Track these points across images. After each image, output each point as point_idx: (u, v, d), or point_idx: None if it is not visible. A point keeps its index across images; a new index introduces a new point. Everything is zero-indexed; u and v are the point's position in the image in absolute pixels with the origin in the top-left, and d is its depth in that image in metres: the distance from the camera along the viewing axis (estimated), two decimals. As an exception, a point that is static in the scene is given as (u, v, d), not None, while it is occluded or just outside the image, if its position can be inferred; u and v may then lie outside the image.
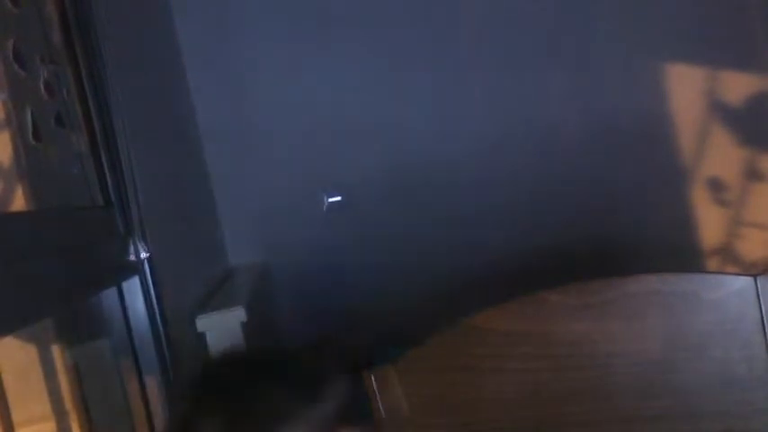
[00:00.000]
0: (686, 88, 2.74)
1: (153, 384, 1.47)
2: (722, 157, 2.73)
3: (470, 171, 2.67)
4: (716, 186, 2.73)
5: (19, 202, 1.29)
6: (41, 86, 1.29)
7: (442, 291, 2.60)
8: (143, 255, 1.48)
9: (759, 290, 0.95)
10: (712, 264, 2.69)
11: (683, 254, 2.70)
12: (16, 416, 1.16)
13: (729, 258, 2.73)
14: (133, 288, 1.47)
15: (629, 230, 2.64)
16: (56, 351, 1.40)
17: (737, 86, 2.76)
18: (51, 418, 1.37)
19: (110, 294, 1.45)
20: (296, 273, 2.67)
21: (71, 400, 1.40)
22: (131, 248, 1.47)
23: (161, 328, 1.48)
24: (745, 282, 0.94)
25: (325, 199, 2.68)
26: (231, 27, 2.62)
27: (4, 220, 1.12)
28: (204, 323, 1.80)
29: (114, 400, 1.46)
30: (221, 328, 1.80)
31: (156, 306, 1.48)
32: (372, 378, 0.95)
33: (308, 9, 2.62)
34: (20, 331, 1.20)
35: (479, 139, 2.67)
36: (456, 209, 2.67)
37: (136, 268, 1.47)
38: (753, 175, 2.76)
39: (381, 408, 0.95)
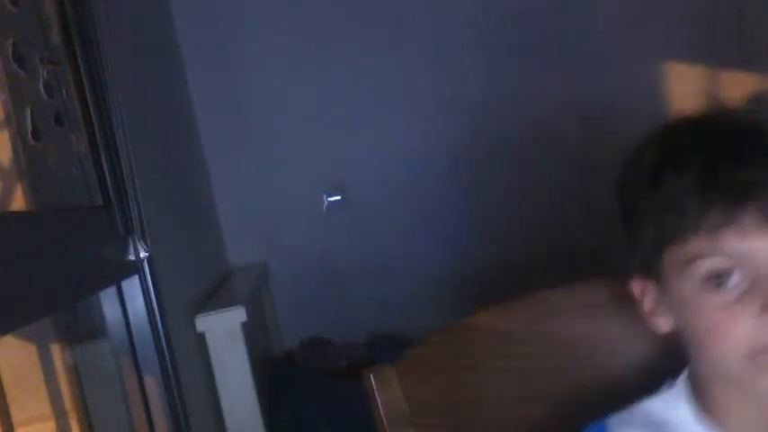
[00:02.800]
0: (686, 88, 2.74)
1: (152, 384, 1.47)
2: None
3: (470, 171, 2.67)
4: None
5: (19, 202, 1.29)
6: (41, 86, 1.29)
7: (441, 290, 2.60)
8: (143, 254, 1.48)
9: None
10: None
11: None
12: (16, 416, 1.16)
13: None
14: (133, 288, 1.47)
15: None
16: (56, 351, 1.40)
17: (737, 86, 2.76)
18: (51, 417, 1.37)
19: (109, 294, 1.45)
20: (295, 273, 2.67)
21: (71, 400, 1.40)
22: (131, 248, 1.47)
23: (161, 328, 1.48)
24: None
25: (325, 199, 2.68)
26: (231, 27, 2.62)
27: (4, 220, 1.12)
28: (204, 323, 1.80)
29: (114, 400, 1.46)
30: (221, 327, 1.80)
31: (155, 306, 1.48)
32: (372, 378, 0.95)
33: (307, 10, 2.62)
34: (20, 331, 1.20)
35: (479, 139, 2.67)
36: (456, 209, 2.67)
37: (135, 268, 1.47)
38: (753, 174, 2.75)
39: (381, 408, 0.95)
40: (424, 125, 2.67)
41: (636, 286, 0.83)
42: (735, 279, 0.72)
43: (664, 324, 0.81)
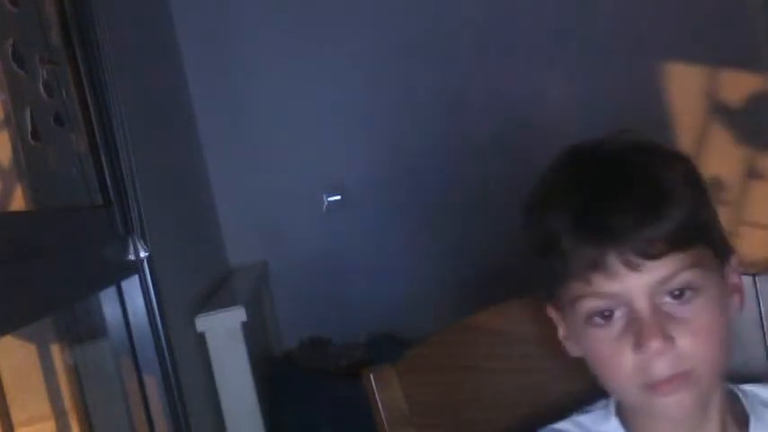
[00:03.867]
0: (686, 88, 2.74)
1: (152, 384, 1.47)
2: (722, 156, 2.73)
3: (470, 171, 2.67)
4: (716, 186, 2.73)
5: (19, 202, 1.29)
6: (41, 86, 1.29)
7: (441, 290, 2.60)
8: (142, 254, 1.47)
9: (758, 289, 0.95)
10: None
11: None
12: (16, 416, 1.16)
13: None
14: (133, 287, 1.47)
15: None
16: (56, 351, 1.40)
17: (737, 86, 2.75)
18: (51, 417, 1.37)
19: (109, 294, 1.45)
20: (295, 273, 2.67)
21: (71, 400, 1.40)
22: (131, 248, 1.47)
23: (160, 328, 1.48)
24: (744, 281, 0.94)
25: (325, 199, 2.68)
26: (231, 28, 2.62)
27: (4, 220, 1.12)
28: (203, 323, 1.80)
29: (114, 400, 1.46)
30: (221, 327, 1.80)
31: (155, 305, 1.48)
32: (372, 378, 0.95)
33: (307, 10, 2.62)
34: (20, 331, 1.20)
35: (479, 138, 2.67)
36: (456, 208, 2.67)
37: (135, 268, 1.47)
38: (753, 174, 2.76)
39: (381, 408, 0.95)
40: (424, 125, 2.67)
41: (549, 311, 0.87)
42: (616, 315, 0.77)
43: (574, 350, 0.85)
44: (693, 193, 0.79)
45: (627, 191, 0.77)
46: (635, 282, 0.75)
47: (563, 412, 0.88)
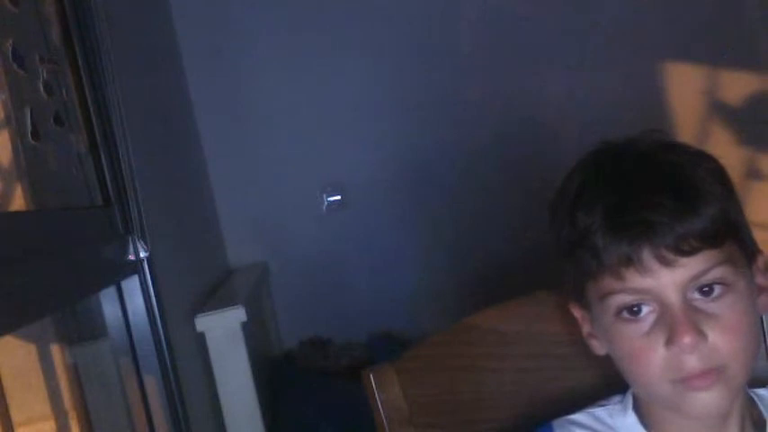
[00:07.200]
0: (686, 88, 2.74)
1: (152, 383, 1.47)
2: (722, 156, 2.72)
3: (470, 171, 2.67)
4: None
5: (19, 202, 1.29)
6: (41, 86, 1.29)
7: (441, 291, 2.60)
8: (142, 254, 1.48)
9: (759, 289, 0.95)
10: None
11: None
12: (16, 416, 1.16)
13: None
14: (133, 287, 1.47)
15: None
16: (56, 351, 1.40)
17: (737, 86, 2.75)
18: (51, 417, 1.37)
19: (109, 294, 1.45)
20: (295, 273, 2.67)
21: (71, 400, 1.40)
22: (131, 248, 1.47)
23: (160, 328, 1.48)
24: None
25: (325, 199, 2.68)
26: (231, 27, 2.62)
27: (4, 220, 1.12)
28: (203, 323, 1.80)
29: (114, 400, 1.46)
30: (221, 327, 1.80)
31: (155, 305, 1.48)
32: (372, 378, 0.95)
33: (307, 11, 2.62)
34: (20, 331, 1.20)
35: (479, 138, 2.67)
36: (455, 209, 2.67)
37: (135, 268, 1.47)
38: (753, 175, 2.76)
39: (381, 408, 0.95)
40: (424, 125, 2.67)
41: (574, 309, 0.87)
42: (646, 310, 0.77)
43: (600, 347, 0.85)
44: (723, 192, 0.80)
45: (660, 188, 0.77)
46: (668, 277, 0.75)
47: (563, 412, 0.88)
